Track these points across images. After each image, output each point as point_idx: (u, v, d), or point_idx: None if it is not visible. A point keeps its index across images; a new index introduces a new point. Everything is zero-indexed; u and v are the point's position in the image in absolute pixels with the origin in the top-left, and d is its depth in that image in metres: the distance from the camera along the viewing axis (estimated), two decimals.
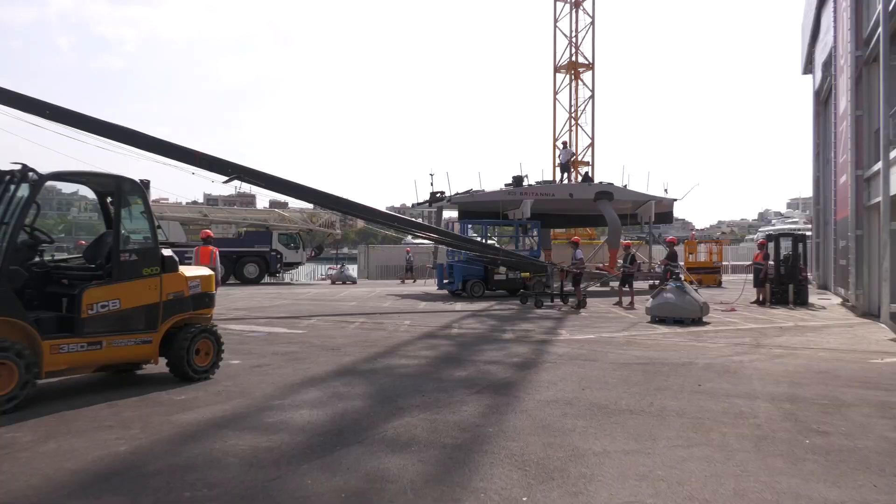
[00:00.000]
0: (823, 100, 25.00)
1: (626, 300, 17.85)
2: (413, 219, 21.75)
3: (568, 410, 6.25)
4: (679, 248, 38.11)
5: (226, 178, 14.95)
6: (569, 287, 18.37)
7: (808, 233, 27.10)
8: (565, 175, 29.74)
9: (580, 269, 17.39)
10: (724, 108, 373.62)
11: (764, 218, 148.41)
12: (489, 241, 23.37)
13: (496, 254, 19.72)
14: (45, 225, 28.40)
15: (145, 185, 7.48)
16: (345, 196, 16.93)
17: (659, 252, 29.14)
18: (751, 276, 19.24)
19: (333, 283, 31.50)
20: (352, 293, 23.55)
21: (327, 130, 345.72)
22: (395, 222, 18.34)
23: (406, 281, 31.48)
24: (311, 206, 27.52)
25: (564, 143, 31.11)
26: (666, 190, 28.30)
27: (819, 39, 24.22)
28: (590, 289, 24.85)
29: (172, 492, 4.26)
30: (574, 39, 35.30)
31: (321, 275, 40.21)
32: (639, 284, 27.67)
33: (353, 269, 36.29)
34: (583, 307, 16.66)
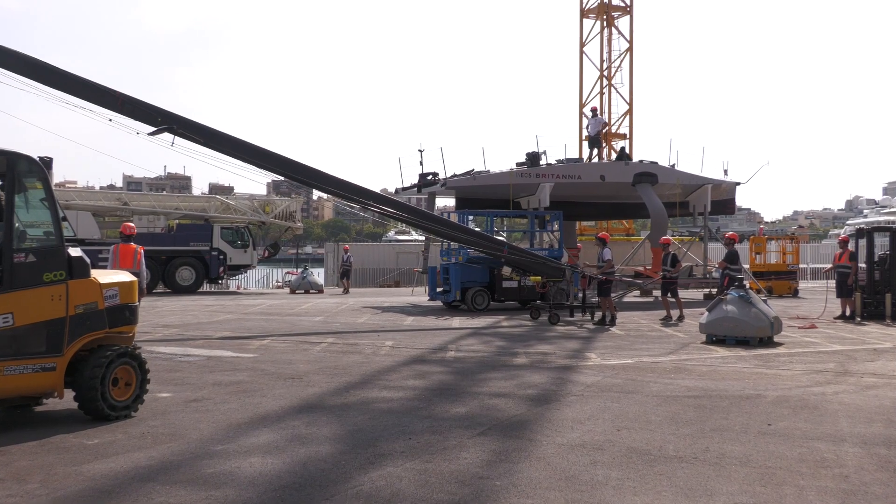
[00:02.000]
0: None
1: (674, 313, 17.92)
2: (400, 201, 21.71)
3: (598, 457, 6.25)
4: (742, 247, 38.18)
5: (153, 130, 15.01)
6: (594, 296, 18.43)
7: None
8: (595, 151, 29.84)
9: (609, 275, 17.44)
10: (803, 67, 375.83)
11: (853, 207, 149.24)
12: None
13: (499, 248, 19.62)
14: None
15: (46, 164, 7.43)
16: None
17: (717, 252, 29.29)
18: (835, 284, 19.32)
19: (293, 291, 31.50)
20: (317, 305, 23.54)
21: (288, 94, 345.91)
22: (384, 205, 18.36)
23: (343, 291, 31.16)
24: (263, 192, 27.50)
25: (594, 111, 31.25)
26: (726, 171, 28.49)
27: None
28: (625, 299, 25.02)
29: None
30: None
31: (277, 281, 40.20)
32: (691, 293, 28.00)
33: (318, 274, 36.25)
34: (612, 323, 16.72)
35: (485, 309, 20.74)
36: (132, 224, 14.51)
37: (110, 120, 14.64)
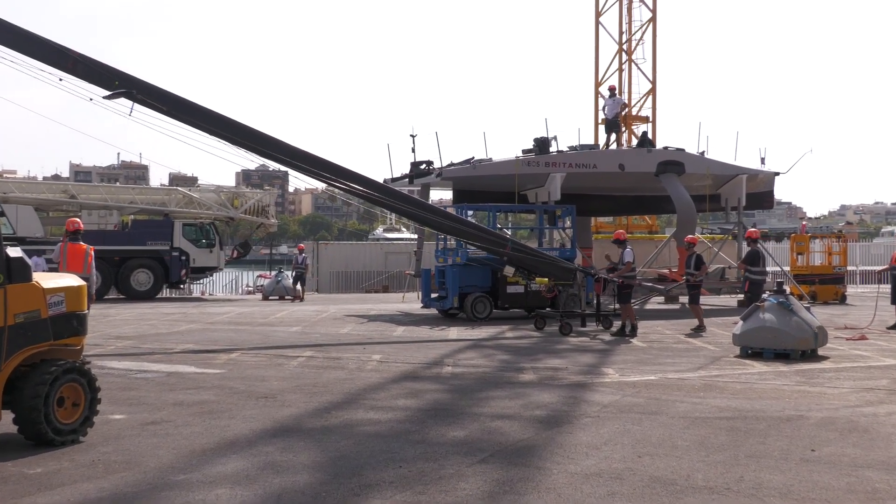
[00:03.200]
0: None
1: (693, 322, 17.97)
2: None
3: (616, 488, 6.26)
4: (782, 247, 38.12)
5: (109, 93, 15.05)
6: (609, 303, 18.44)
7: None
8: (613, 137, 29.89)
9: (628, 279, 17.45)
10: (852, 41, 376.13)
11: None
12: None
13: (501, 244, 19.55)
14: None
15: None
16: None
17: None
18: (888, 288, 19.37)
19: (266, 298, 31.49)
20: (294, 313, 23.55)
21: (254, 66, 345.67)
22: (375, 192, 18.31)
23: (294, 298, 30.12)
24: (232, 183, 27.43)
25: (612, 90, 31.29)
26: (763, 159, 28.56)
27: None
28: (647, 306, 25.05)
29: None
30: None
31: (248, 286, 40.22)
32: (724, 300, 28.04)
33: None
34: (633, 334, 16.74)
35: (486, 318, 20.75)
36: (79, 220, 14.49)
37: (61, 79, 14.63)
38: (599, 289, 19.19)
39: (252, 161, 16.32)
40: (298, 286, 30.70)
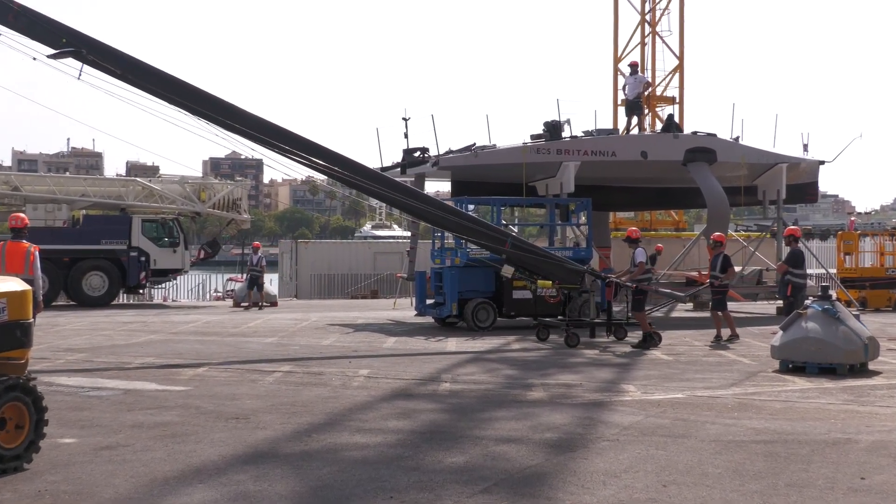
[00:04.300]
0: None
1: (724, 332, 18.00)
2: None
3: None
4: (827, 246, 37.99)
5: (55, 52, 15.03)
6: (620, 310, 18.43)
7: None
8: (634, 120, 29.89)
9: (642, 283, 17.40)
10: None
11: None
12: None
13: (499, 239, 19.45)
14: None
15: None
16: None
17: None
18: None
19: (238, 304, 31.47)
20: (269, 322, 23.55)
21: (222, 34, 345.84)
22: (352, 173, 18.25)
23: (250, 306, 29.46)
24: (199, 173, 27.38)
25: (633, 66, 31.28)
26: (806, 146, 28.56)
27: None
28: (673, 314, 25.07)
29: None
30: None
31: (217, 291, 40.21)
32: (761, 306, 28.04)
33: (271, 282, 36.26)
34: (653, 344, 16.73)
35: (490, 327, 20.79)
36: (22, 214, 14.46)
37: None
38: (611, 294, 19.14)
39: (218, 135, 15.90)
40: (254, 291, 29.90)
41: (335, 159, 18.16)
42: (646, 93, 31.18)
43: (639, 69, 31.76)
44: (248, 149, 18.02)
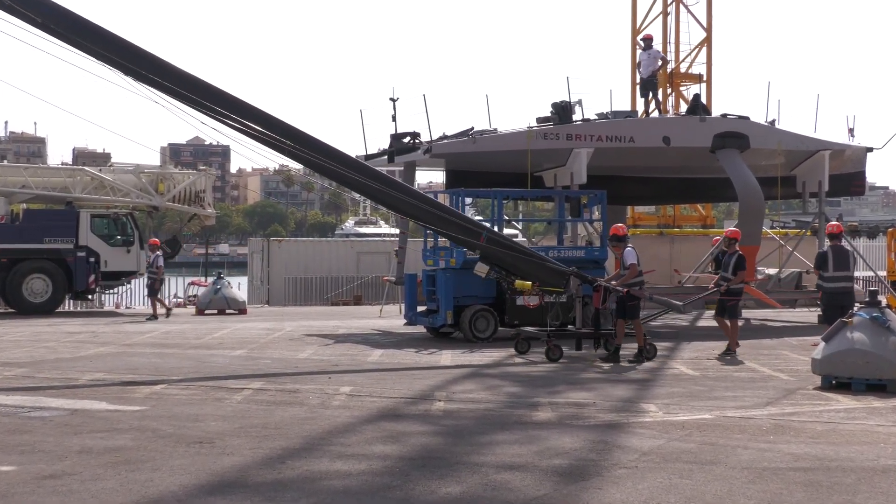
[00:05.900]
0: None
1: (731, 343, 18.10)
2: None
3: None
4: (876, 245, 37.99)
5: None
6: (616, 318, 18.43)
7: None
8: (653, 101, 29.86)
9: (634, 288, 17.30)
10: None
11: None
12: (504, 230, 23.46)
13: (472, 232, 19.30)
14: None
15: None
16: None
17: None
18: None
19: (202, 312, 31.46)
20: (237, 332, 23.53)
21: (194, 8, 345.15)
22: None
23: (162, 313, 29.23)
24: (156, 162, 27.29)
25: (647, 40, 31.05)
26: (851, 131, 28.61)
27: None
28: (699, 322, 25.06)
29: None
30: None
31: (177, 296, 40.12)
32: (800, 314, 28.05)
33: (238, 286, 36.23)
34: (647, 358, 16.76)
35: (490, 338, 20.77)
36: None
37: None
38: (598, 300, 19.07)
39: (152, 97, 15.63)
40: (153, 297, 29.74)
41: (271, 124, 17.95)
42: (658, 69, 30.71)
43: (653, 43, 31.53)
44: (179, 111, 17.46)
